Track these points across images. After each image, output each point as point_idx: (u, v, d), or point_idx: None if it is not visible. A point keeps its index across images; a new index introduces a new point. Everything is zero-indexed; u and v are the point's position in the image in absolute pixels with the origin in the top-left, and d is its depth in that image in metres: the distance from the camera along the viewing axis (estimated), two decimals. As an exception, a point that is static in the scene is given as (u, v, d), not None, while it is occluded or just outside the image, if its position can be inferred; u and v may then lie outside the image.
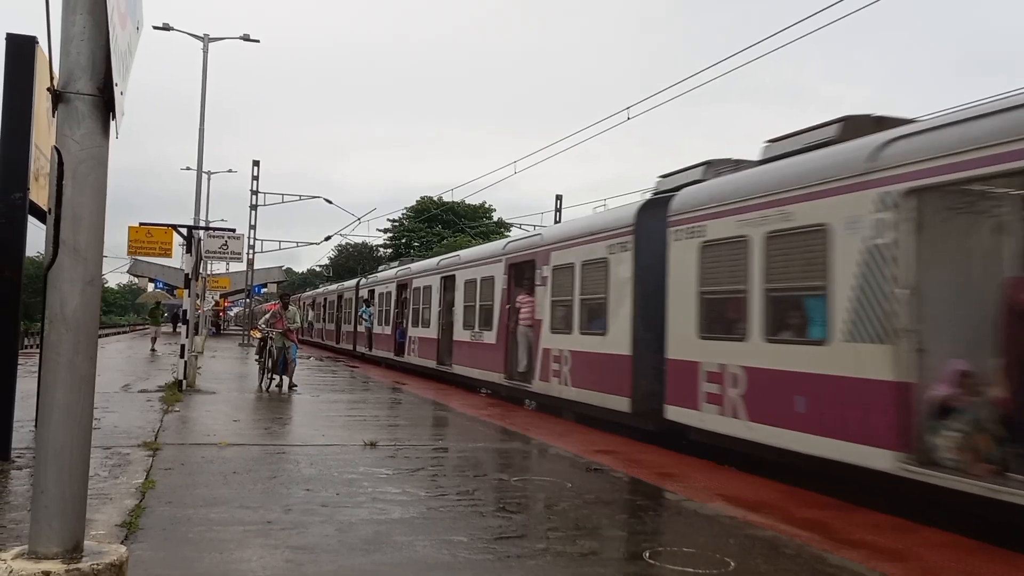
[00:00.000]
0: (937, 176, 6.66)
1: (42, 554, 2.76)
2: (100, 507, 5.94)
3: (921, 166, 6.80)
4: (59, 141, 2.89)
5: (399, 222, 65.01)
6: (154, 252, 18.59)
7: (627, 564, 5.14)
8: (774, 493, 7.57)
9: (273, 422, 11.73)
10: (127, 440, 9.12)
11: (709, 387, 9.36)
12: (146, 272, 49.01)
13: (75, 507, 2.84)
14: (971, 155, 6.38)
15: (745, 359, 8.76)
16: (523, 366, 15.28)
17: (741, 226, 8.90)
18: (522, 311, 15.26)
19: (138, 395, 14.31)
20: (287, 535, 5.51)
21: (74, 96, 2.89)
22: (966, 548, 5.76)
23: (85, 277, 2.89)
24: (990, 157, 6.23)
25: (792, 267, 8.26)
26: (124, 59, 3.04)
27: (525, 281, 15.68)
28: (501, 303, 16.54)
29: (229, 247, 24.35)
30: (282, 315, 16.62)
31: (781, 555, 5.39)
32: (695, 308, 9.76)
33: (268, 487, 7.05)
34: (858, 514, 6.77)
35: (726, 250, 9.20)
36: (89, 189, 2.91)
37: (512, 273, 16.24)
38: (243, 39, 30.03)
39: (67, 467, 2.83)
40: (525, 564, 5.02)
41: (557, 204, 37.54)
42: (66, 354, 2.85)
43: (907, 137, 7.15)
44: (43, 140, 8.11)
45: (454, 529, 5.82)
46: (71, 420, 2.84)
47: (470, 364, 18.16)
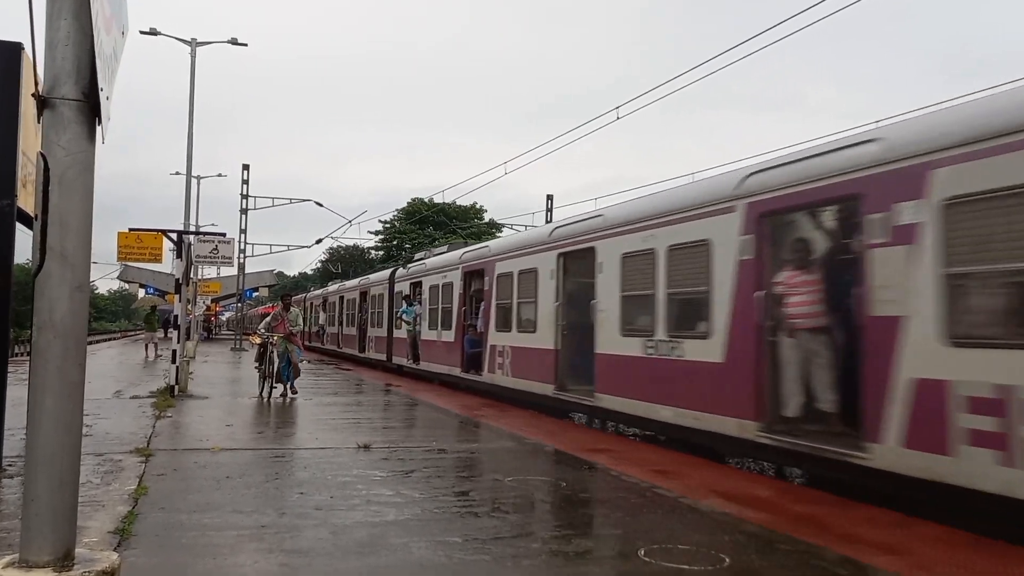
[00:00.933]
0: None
1: (33, 562, 2.74)
2: (93, 514, 5.91)
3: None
4: (45, 147, 2.87)
5: (390, 224, 64.89)
6: (144, 258, 18.45)
7: (622, 562, 5.15)
8: (769, 490, 7.59)
9: (266, 426, 11.69)
10: (119, 446, 9.08)
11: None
12: (136, 278, 48.80)
13: (66, 514, 2.82)
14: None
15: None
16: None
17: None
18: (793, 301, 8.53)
19: (130, 401, 14.25)
20: (281, 539, 5.50)
21: (59, 101, 2.87)
22: (961, 542, 5.78)
23: (73, 283, 2.87)
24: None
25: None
26: (109, 64, 3.03)
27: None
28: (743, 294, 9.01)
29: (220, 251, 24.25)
30: (283, 317, 15.67)
31: (776, 550, 5.40)
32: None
33: (262, 491, 7.02)
34: (853, 509, 6.79)
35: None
36: (76, 195, 2.89)
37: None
38: (231, 43, 29.93)
39: (58, 474, 2.81)
40: (520, 564, 5.01)
41: (548, 204, 37.58)
42: (55, 360, 2.83)
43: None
44: (30, 147, 8.06)
45: (449, 530, 5.81)
46: (61, 427, 2.82)
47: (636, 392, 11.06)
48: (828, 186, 7.79)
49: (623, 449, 9.98)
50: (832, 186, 7.73)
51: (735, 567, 5.02)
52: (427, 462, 8.68)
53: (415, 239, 61.21)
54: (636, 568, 4.99)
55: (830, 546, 5.52)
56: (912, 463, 6.59)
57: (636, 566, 5.03)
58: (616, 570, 5.02)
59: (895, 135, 7.28)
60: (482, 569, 4.91)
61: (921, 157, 6.77)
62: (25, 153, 7.97)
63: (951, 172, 6.48)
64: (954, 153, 6.48)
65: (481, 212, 63.72)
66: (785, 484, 7.81)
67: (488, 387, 16.46)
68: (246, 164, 40.40)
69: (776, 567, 5.03)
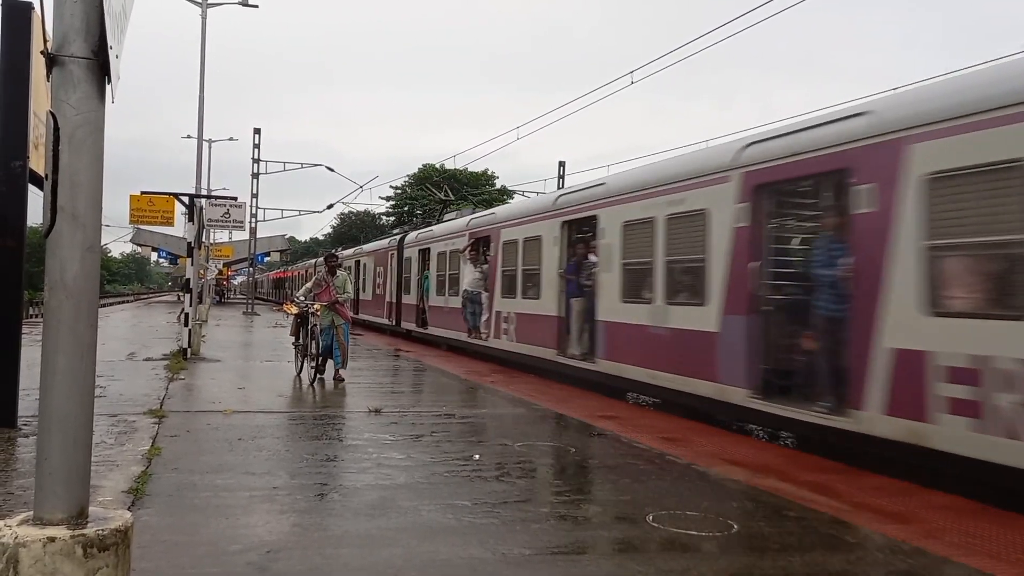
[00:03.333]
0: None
1: (47, 520, 2.77)
2: (107, 474, 5.98)
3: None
4: (54, 106, 2.84)
5: (401, 189, 64.72)
6: (156, 221, 18.55)
7: (630, 527, 5.17)
8: (778, 457, 7.60)
9: (278, 390, 11.78)
10: (133, 408, 9.17)
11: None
12: (148, 241, 49.05)
13: (79, 473, 2.85)
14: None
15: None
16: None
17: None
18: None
19: (143, 363, 14.37)
20: (293, 500, 5.55)
21: (68, 59, 2.84)
22: (969, 511, 5.79)
23: (84, 243, 2.86)
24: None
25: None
26: (119, 21, 2.99)
27: None
28: None
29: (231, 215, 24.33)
30: (329, 282, 12.65)
31: (785, 517, 5.41)
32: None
33: (273, 453, 7.09)
34: (862, 477, 6.79)
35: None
36: (86, 154, 2.87)
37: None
38: (242, 4, 29.66)
39: (71, 433, 2.83)
40: (529, 528, 5.05)
41: (560, 171, 37.38)
42: (67, 321, 2.83)
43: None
44: (42, 107, 8.03)
45: (458, 494, 5.85)
46: (74, 386, 2.84)
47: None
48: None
49: (631, 416, 10.00)
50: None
51: (743, 533, 5.04)
52: (436, 427, 8.73)
53: (426, 205, 61.08)
54: (644, 533, 5.02)
55: (838, 514, 5.54)
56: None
57: (644, 531, 5.05)
58: (624, 535, 5.05)
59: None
60: (491, 532, 4.95)
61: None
62: (36, 114, 7.95)
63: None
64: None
65: (493, 179, 63.43)
66: (794, 452, 7.82)
67: (493, 351, 16.54)
68: (257, 128, 40.35)
69: (784, 534, 5.05)
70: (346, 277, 13.09)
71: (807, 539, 4.97)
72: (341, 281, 12.79)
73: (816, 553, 4.72)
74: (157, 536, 4.64)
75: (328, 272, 12.86)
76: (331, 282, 12.67)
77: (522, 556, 4.53)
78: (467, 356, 18.18)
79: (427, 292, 22.00)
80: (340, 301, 12.61)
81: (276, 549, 4.51)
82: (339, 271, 13.00)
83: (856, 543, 4.90)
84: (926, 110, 6.74)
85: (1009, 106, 5.96)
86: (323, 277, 12.81)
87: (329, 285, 12.63)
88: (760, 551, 4.74)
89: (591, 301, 12.49)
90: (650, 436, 8.36)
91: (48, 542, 2.67)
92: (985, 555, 4.75)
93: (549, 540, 4.85)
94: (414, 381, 13.91)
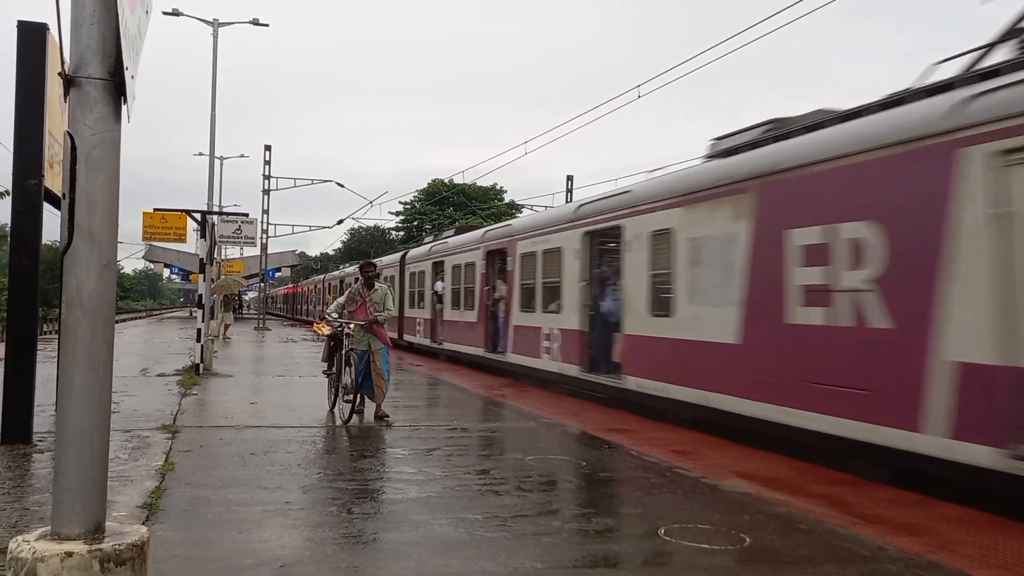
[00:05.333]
0: None
1: (64, 535, 2.80)
2: (121, 489, 6.02)
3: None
4: (71, 126, 2.89)
5: (411, 205, 64.95)
6: (169, 237, 18.71)
7: (642, 541, 5.17)
8: (789, 470, 7.57)
9: (290, 405, 11.81)
10: (146, 423, 9.22)
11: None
12: (161, 258, 49.38)
13: (96, 489, 2.87)
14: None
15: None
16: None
17: None
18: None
19: (156, 379, 14.45)
20: (306, 515, 5.58)
21: (85, 80, 2.89)
22: (981, 522, 5.75)
23: (101, 261, 2.90)
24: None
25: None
26: (134, 43, 3.04)
27: None
28: None
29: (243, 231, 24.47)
30: (364, 297, 10.52)
31: (796, 531, 5.40)
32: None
33: (286, 468, 7.11)
34: (874, 490, 6.76)
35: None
36: (103, 174, 2.91)
37: None
38: (253, 23, 29.95)
39: (87, 449, 2.85)
40: (541, 542, 5.05)
41: (568, 185, 37.45)
42: (83, 338, 2.87)
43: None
44: (56, 127, 8.15)
45: (470, 508, 5.86)
46: (90, 403, 2.87)
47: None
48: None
49: (642, 429, 9.99)
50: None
51: (755, 546, 5.03)
52: (449, 440, 8.74)
53: (435, 220, 61.26)
54: (656, 547, 5.02)
55: (850, 526, 5.51)
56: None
57: (656, 545, 5.05)
58: (636, 548, 5.05)
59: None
60: (502, 546, 4.95)
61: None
62: (51, 133, 8.06)
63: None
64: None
65: (501, 193, 63.61)
66: (806, 464, 7.78)
67: (511, 367, 16.18)
68: (268, 144, 40.63)
69: (796, 547, 5.04)
70: (387, 291, 10.75)
71: (820, 552, 4.96)
72: (380, 295, 10.53)
73: (829, 566, 4.71)
74: (172, 551, 4.67)
75: (364, 285, 10.67)
76: (367, 296, 10.49)
77: (534, 570, 4.53)
78: (477, 370, 18.12)
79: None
80: (378, 321, 10.35)
81: (289, 563, 4.53)
82: (377, 283, 10.78)
83: (870, 556, 4.88)
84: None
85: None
86: (358, 290, 10.64)
87: (365, 300, 10.46)
88: (772, 564, 4.73)
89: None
90: (661, 449, 8.35)
91: (66, 557, 2.70)
92: (1000, 567, 4.72)
93: (561, 554, 4.85)
94: (428, 395, 13.92)
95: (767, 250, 8.59)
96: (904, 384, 6.76)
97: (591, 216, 13.12)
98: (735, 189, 9.20)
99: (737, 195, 9.14)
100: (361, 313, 10.39)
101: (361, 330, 10.32)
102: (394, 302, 10.81)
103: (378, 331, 10.38)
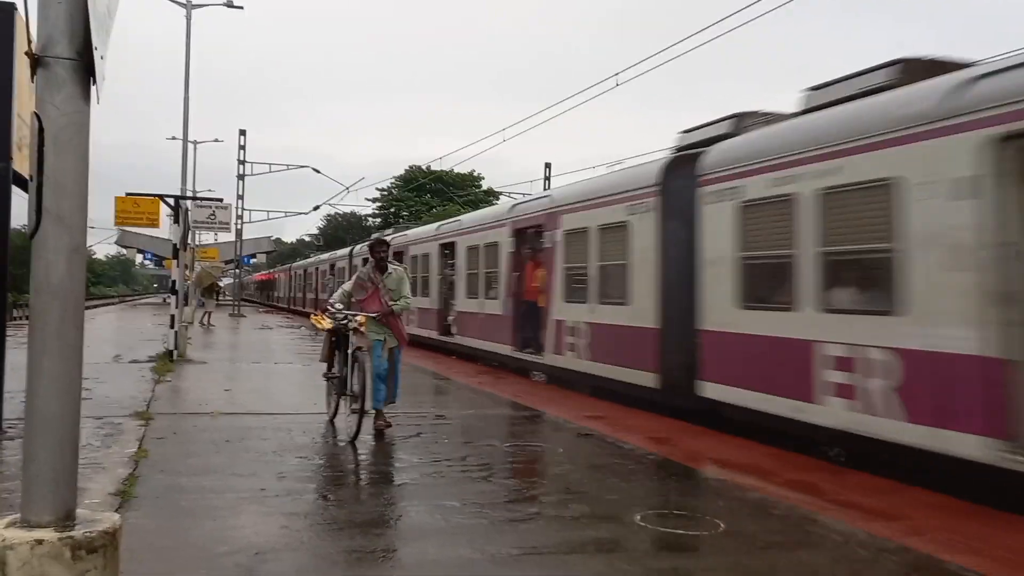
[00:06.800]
0: None
1: (34, 522, 2.76)
2: (93, 476, 5.95)
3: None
4: (39, 107, 2.83)
5: (388, 191, 64.61)
6: (141, 222, 18.35)
7: (618, 527, 5.20)
8: (765, 457, 7.64)
9: (265, 392, 11.74)
10: (119, 410, 9.12)
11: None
12: (133, 243, 48.74)
13: (66, 476, 2.84)
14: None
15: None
16: None
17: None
18: None
19: (129, 365, 14.29)
20: (281, 502, 5.54)
21: (53, 60, 2.83)
22: (955, 509, 5.84)
23: (70, 245, 2.85)
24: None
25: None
26: (103, 22, 2.98)
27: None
28: None
29: (217, 217, 24.20)
30: (377, 283, 8.61)
31: (770, 516, 5.45)
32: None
33: (260, 455, 7.07)
34: (848, 476, 6.84)
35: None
36: (71, 155, 2.86)
37: None
38: (227, 5, 29.55)
39: (57, 436, 2.81)
40: (517, 528, 5.07)
41: (546, 172, 37.43)
42: (53, 323, 2.82)
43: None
44: (25, 108, 7.99)
45: (447, 495, 5.86)
46: (60, 388, 2.82)
47: None
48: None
49: (618, 416, 10.03)
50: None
51: (730, 531, 5.07)
52: (432, 428, 8.72)
53: (412, 206, 61.01)
54: (632, 533, 5.05)
55: (823, 512, 5.58)
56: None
57: (632, 531, 5.08)
58: (612, 534, 5.07)
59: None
60: (479, 532, 4.96)
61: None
62: (20, 115, 7.90)
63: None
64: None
65: (479, 180, 63.44)
66: (781, 452, 7.86)
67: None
68: (243, 129, 40.25)
69: (770, 532, 5.09)
70: (402, 274, 8.92)
71: (793, 537, 5.01)
72: (395, 280, 8.68)
73: (801, 551, 4.77)
74: (145, 538, 4.62)
75: (376, 268, 8.71)
76: (381, 282, 8.63)
77: (510, 556, 4.55)
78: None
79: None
80: (394, 311, 8.57)
81: (264, 551, 4.50)
82: (391, 265, 8.89)
83: (841, 541, 4.94)
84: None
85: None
86: (368, 275, 8.72)
87: (377, 287, 8.61)
88: (747, 549, 4.78)
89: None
90: (637, 436, 8.38)
91: (36, 544, 2.66)
92: (969, 552, 4.80)
93: (537, 540, 4.87)
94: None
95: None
96: None
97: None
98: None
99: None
100: (373, 303, 8.54)
101: (374, 323, 8.47)
102: (409, 287, 8.93)
103: (394, 324, 8.61)
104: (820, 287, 7.56)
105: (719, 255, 9.07)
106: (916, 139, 6.61)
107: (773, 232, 8.27)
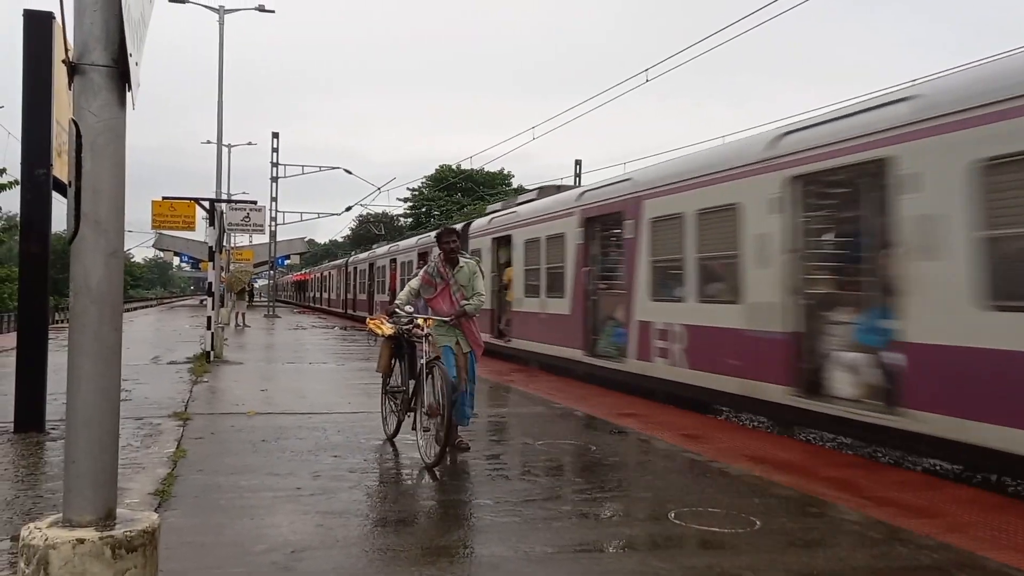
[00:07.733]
0: None
1: (76, 522, 2.81)
2: (133, 476, 6.06)
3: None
4: (76, 114, 2.88)
5: (418, 191, 64.92)
6: (178, 226, 18.65)
7: (653, 524, 5.17)
8: (799, 453, 7.56)
9: (300, 392, 11.85)
10: (158, 411, 9.27)
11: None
12: (171, 246, 49.58)
13: (106, 476, 2.88)
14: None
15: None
16: None
17: None
18: None
19: (167, 367, 14.51)
20: (316, 501, 5.60)
21: (89, 67, 2.87)
22: (992, 504, 5.74)
23: (108, 249, 2.89)
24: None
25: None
26: (138, 29, 3.02)
27: None
28: None
29: (251, 219, 24.49)
30: (447, 278, 7.60)
31: (807, 514, 5.39)
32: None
33: (296, 455, 7.14)
34: (885, 472, 6.75)
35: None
36: (108, 161, 2.90)
37: None
38: (259, 10, 29.88)
39: (97, 436, 2.86)
40: (551, 526, 5.06)
41: (577, 169, 37.30)
42: (92, 325, 2.87)
43: None
44: (64, 115, 8.15)
45: (480, 493, 5.87)
46: (99, 390, 2.87)
47: None
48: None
49: (651, 413, 9.98)
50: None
51: (766, 529, 5.02)
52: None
53: (443, 206, 61.24)
54: (666, 530, 5.02)
55: (861, 509, 5.50)
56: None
57: (666, 528, 5.05)
58: (646, 532, 5.05)
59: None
60: (513, 531, 4.96)
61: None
62: (59, 122, 8.06)
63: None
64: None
65: (508, 178, 63.48)
66: (816, 448, 7.77)
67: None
68: (275, 132, 40.66)
69: (807, 529, 5.03)
70: (475, 267, 7.72)
71: (831, 535, 4.95)
72: (467, 275, 7.59)
73: (840, 549, 4.69)
74: (183, 537, 4.69)
75: (445, 262, 7.63)
76: (451, 277, 7.59)
77: (544, 554, 4.54)
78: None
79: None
80: (467, 313, 7.51)
81: (300, 549, 4.55)
82: (463, 258, 7.69)
83: (881, 539, 4.87)
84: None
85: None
86: (437, 269, 7.66)
87: (448, 283, 7.58)
88: (783, 547, 4.72)
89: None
90: (671, 433, 8.35)
91: (77, 543, 2.71)
92: (1012, 549, 4.71)
93: (571, 538, 4.86)
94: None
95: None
96: None
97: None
98: None
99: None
100: (444, 302, 7.55)
101: (444, 326, 7.39)
102: (483, 283, 7.82)
103: (467, 327, 7.54)
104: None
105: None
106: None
107: None
